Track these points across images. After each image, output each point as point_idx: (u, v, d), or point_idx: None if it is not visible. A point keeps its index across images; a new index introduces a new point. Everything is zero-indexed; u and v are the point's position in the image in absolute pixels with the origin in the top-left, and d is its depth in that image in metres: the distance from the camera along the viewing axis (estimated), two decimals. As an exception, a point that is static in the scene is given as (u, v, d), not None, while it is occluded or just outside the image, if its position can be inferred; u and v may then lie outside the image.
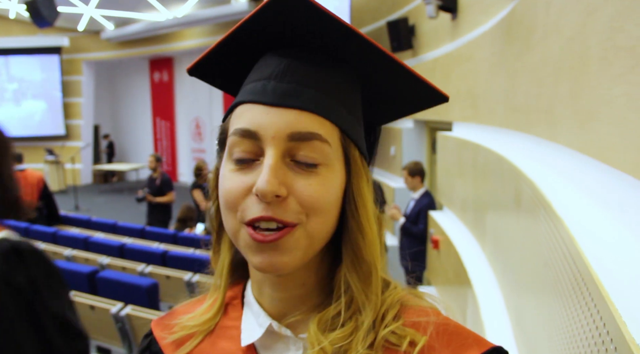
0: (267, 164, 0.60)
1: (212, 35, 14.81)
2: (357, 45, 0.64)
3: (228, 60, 0.72)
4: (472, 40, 4.59)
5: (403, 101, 0.74)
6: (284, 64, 0.64)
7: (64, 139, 16.85)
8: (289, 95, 0.62)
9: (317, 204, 0.61)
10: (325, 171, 0.63)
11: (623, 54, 1.14)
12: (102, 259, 5.07)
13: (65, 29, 16.23)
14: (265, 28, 0.65)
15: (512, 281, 2.43)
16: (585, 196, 1.46)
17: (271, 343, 0.70)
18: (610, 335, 0.72)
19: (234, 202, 0.62)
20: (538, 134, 2.41)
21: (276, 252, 0.61)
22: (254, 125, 0.62)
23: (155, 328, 0.80)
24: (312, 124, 0.62)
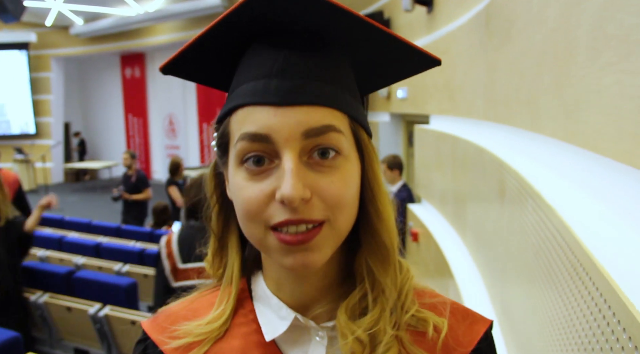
0: (287, 168, 0.57)
1: (184, 30, 14.63)
2: (348, 23, 0.62)
3: (207, 56, 0.67)
4: (449, 32, 4.60)
5: (394, 69, 0.72)
6: (281, 58, 0.61)
7: (33, 138, 16.47)
8: (295, 91, 0.59)
9: (342, 201, 0.60)
10: (344, 163, 0.61)
11: (614, 42, 1.14)
12: (78, 259, 4.98)
13: (33, 24, 15.83)
14: (250, 17, 0.62)
15: (496, 272, 2.44)
16: (575, 185, 1.46)
17: (293, 335, 0.69)
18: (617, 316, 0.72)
19: (257, 212, 0.60)
20: (520, 125, 2.42)
21: (307, 252, 0.60)
22: (264, 128, 0.59)
23: (150, 331, 0.75)
24: (324, 117, 0.60)
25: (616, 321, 0.72)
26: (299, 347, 0.69)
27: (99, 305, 3.50)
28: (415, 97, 5.99)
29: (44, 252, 5.28)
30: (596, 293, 0.84)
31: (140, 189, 7.77)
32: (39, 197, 13.14)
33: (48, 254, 5.22)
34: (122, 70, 17.60)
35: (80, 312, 3.52)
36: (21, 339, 2.73)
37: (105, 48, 16.43)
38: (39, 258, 5.20)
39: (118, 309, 3.45)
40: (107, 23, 15.04)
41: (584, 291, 0.93)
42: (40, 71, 16.63)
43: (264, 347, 0.69)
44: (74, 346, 3.79)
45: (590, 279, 0.89)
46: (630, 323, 0.66)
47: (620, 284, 0.74)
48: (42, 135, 16.64)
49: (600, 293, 0.82)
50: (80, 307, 3.54)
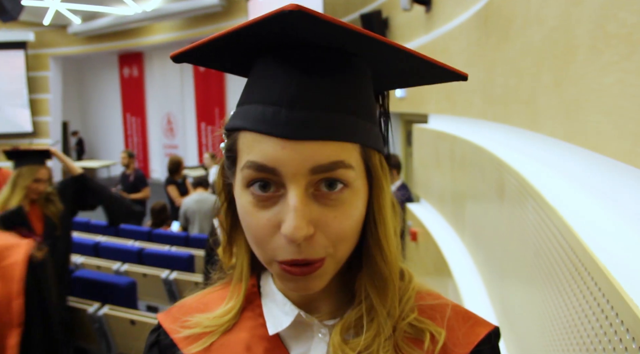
0: (292, 205, 0.57)
1: (182, 29, 14.61)
2: (367, 47, 0.60)
3: (221, 54, 0.67)
4: (447, 32, 4.60)
5: (414, 78, 0.72)
6: (293, 83, 0.59)
7: (31, 137, 16.42)
8: (304, 126, 0.57)
9: (344, 236, 0.61)
10: (350, 196, 0.61)
11: (615, 41, 1.14)
12: (76, 258, 4.97)
13: (30, 23, 15.79)
14: (266, 34, 0.59)
15: (495, 271, 2.44)
16: (575, 185, 1.46)
17: (296, 331, 0.71)
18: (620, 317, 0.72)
19: (263, 240, 0.61)
20: (518, 124, 2.42)
21: (308, 281, 0.62)
22: (270, 161, 0.58)
23: (163, 321, 0.79)
24: (334, 152, 0.58)
25: (619, 321, 0.72)
26: (302, 343, 0.71)
27: (98, 304, 3.50)
28: (414, 97, 5.99)
29: (42, 251, 5.26)
30: (598, 292, 0.84)
31: (139, 188, 7.77)
32: (36, 196, 13.12)
33: (46, 254, 5.21)
34: (120, 69, 17.57)
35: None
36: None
37: (103, 47, 16.40)
38: (37, 258, 5.19)
39: (117, 308, 3.45)
40: (105, 22, 15.01)
41: (586, 291, 0.93)
42: (38, 70, 16.58)
43: (268, 341, 0.71)
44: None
45: (592, 278, 0.88)
46: (634, 323, 0.66)
47: (622, 283, 0.74)
48: (40, 134, 16.60)
49: (602, 292, 0.82)
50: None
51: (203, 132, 15.87)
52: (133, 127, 17.57)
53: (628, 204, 1.13)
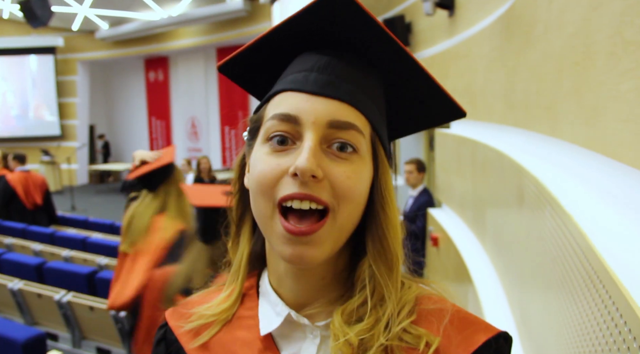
0: (307, 145, 0.62)
1: (207, 34, 14.78)
2: (392, 52, 0.68)
3: (261, 60, 0.74)
4: (469, 37, 4.58)
5: (421, 113, 0.77)
6: (325, 59, 0.67)
7: (59, 140, 16.77)
8: (330, 86, 0.65)
9: (349, 191, 0.64)
10: (358, 160, 0.65)
11: (633, 48, 1.14)
12: (101, 259, 5.05)
13: (60, 28, 16.15)
14: (308, 27, 0.68)
15: (515, 277, 2.42)
16: (593, 191, 1.45)
17: (289, 331, 0.72)
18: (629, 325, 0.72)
19: (269, 184, 0.64)
20: (539, 130, 2.41)
21: (307, 246, 0.63)
22: (295, 110, 0.64)
23: (169, 318, 0.81)
24: (350, 115, 0.65)
25: (628, 329, 0.72)
26: (293, 343, 0.72)
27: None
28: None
29: (68, 252, 5.37)
30: (609, 300, 0.84)
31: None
32: (64, 198, 13.46)
33: (72, 254, 5.32)
34: (146, 73, 17.83)
35: (102, 311, 3.58)
36: (45, 336, 2.79)
37: (129, 52, 16.68)
38: (63, 258, 5.30)
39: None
40: (132, 27, 15.27)
41: (597, 299, 0.93)
42: (67, 75, 16.94)
43: (262, 341, 0.72)
44: (96, 345, 3.86)
45: (603, 286, 0.88)
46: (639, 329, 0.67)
47: (632, 292, 0.74)
48: (68, 137, 16.94)
49: (612, 300, 0.82)
50: (102, 306, 3.60)
51: (227, 135, 16.00)
52: (158, 131, 17.81)
53: (645, 212, 1.13)
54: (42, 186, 7.22)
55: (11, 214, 6.94)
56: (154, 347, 0.82)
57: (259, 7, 13.00)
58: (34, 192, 7.06)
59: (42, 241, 6.08)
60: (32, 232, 6.38)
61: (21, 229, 6.45)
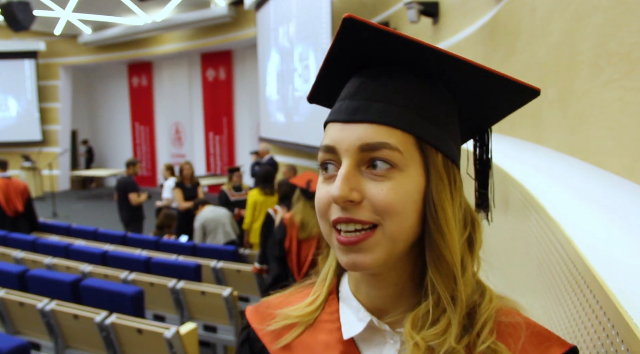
0: (340, 173, 0.67)
1: (191, 39, 14.75)
2: (433, 59, 0.70)
3: (330, 86, 0.79)
4: (454, 44, 4.64)
5: (497, 102, 0.76)
6: (356, 84, 0.71)
7: (40, 145, 16.58)
8: (358, 111, 0.68)
9: (389, 207, 0.66)
10: (398, 176, 0.67)
11: (616, 59, 1.17)
12: (84, 267, 5.00)
13: (42, 32, 16.01)
14: (344, 54, 0.72)
15: (499, 283, 2.45)
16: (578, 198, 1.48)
17: (369, 336, 0.76)
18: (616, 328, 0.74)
19: (324, 210, 0.70)
20: (524, 137, 2.45)
21: (358, 253, 0.67)
22: (332, 141, 0.69)
23: (251, 320, 0.86)
24: (380, 135, 0.67)
25: (615, 332, 0.74)
26: (374, 348, 0.75)
27: (106, 313, 3.52)
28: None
29: (51, 259, 5.30)
30: (596, 304, 0.86)
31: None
32: (45, 204, 13.30)
33: (55, 262, 5.25)
34: (130, 78, 17.73)
35: (87, 320, 3.54)
36: (29, 346, 2.76)
37: (112, 57, 16.58)
38: (45, 266, 5.24)
39: (124, 317, 3.47)
40: (115, 32, 15.18)
41: (585, 303, 0.95)
42: (49, 79, 16.78)
43: (343, 344, 0.76)
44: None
45: (590, 291, 0.90)
46: (628, 335, 0.68)
47: (619, 296, 0.76)
48: (50, 142, 16.76)
49: (599, 304, 0.84)
50: (86, 315, 3.56)
51: (211, 141, 15.96)
52: (141, 136, 17.70)
53: (627, 217, 1.15)
54: (24, 193, 7.14)
55: (-10, 221, 6.85)
56: (238, 347, 0.88)
57: (243, 13, 13.02)
58: (15, 199, 6.97)
59: (24, 248, 5.99)
60: (13, 240, 6.29)
61: (2, 236, 6.35)
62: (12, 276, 4.41)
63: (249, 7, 11.92)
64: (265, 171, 6.69)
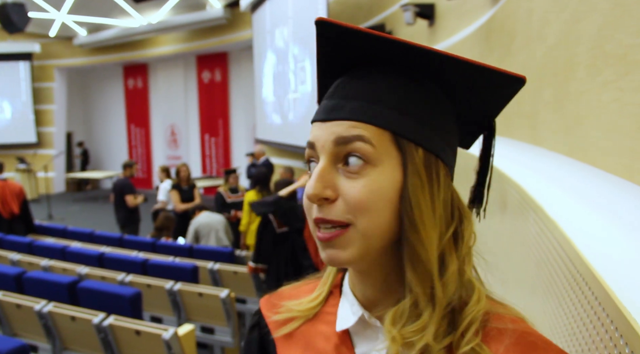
0: (315, 170, 0.69)
1: (186, 41, 14.74)
2: (412, 55, 0.70)
3: (326, 87, 0.80)
4: (450, 46, 4.66)
5: (486, 95, 0.74)
6: (335, 84, 0.75)
7: (35, 147, 16.53)
8: (335, 109, 0.71)
9: (361, 205, 0.66)
10: (372, 172, 0.67)
11: (613, 61, 1.18)
12: (81, 268, 4.99)
13: (37, 34, 15.97)
14: (330, 57, 0.75)
15: (497, 283, 2.47)
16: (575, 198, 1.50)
17: (363, 330, 0.78)
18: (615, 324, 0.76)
19: (307, 207, 0.72)
20: (520, 138, 2.46)
21: (334, 249, 0.69)
22: (313, 138, 0.72)
23: (263, 307, 0.91)
24: (354, 129, 0.68)
25: (614, 327, 0.75)
26: (366, 342, 0.77)
27: (103, 315, 3.51)
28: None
29: (47, 261, 5.29)
30: (595, 302, 0.88)
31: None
32: (40, 207, 13.26)
33: (51, 264, 5.24)
34: (125, 80, 17.70)
35: (85, 321, 3.54)
36: (27, 347, 2.75)
37: (108, 59, 16.55)
38: (42, 268, 5.23)
39: (122, 318, 3.47)
40: (110, 34, 15.16)
41: (584, 300, 0.97)
42: (44, 81, 16.73)
43: (339, 336, 0.79)
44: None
45: (589, 288, 0.92)
46: (628, 331, 0.70)
47: (618, 293, 0.78)
48: (45, 145, 16.71)
49: (599, 301, 0.85)
50: (84, 316, 3.55)
51: (207, 143, 15.95)
52: (137, 138, 17.67)
53: (625, 218, 1.17)
54: (20, 195, 7.12)
55: (-13, 224, 6.83)
56: (248, 331, 0.93)
57: (239, 15, 13.02)
58: (11, 201, 6.96)
59: (20, 250, 5.98)
60: (10, 242, 6.27)
61: (-2, 239, 6.34)
62: (9, 278, 4.40)
63: (244, 9, 11.93)
64: (260, 172, 6.69)
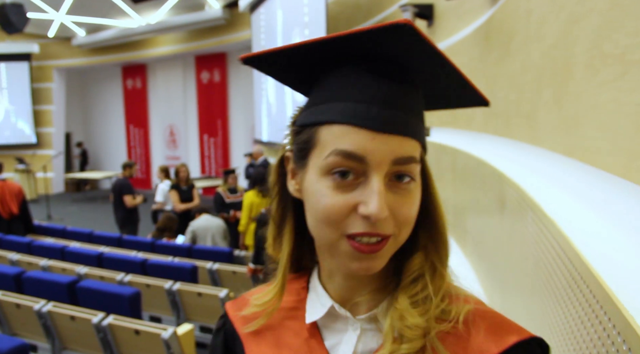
0: (376, 189, 0.64)
1: (185, 42, 14.73)
2: (430, 57, 0.68)
3: (291, 64, 0.74)
4: (449, 46, 4.67)
5: (448, 99, 0.81)
6: (384, 87, 0.67)
7: (34, 148, 16.51)
8: (392, 122, 0.66)
9: (409, 220, 0.69)
10: (414, 187, 0.69)
11: (611, 61, 1.19)
12: (80, 268, 5.00)
13: (35, 35, 15.95)
14: (360, 46, 0.67)
15: (497, 283, 2.48)
16: (574, 197, 1.51)
17: (332, 323, 0.79)
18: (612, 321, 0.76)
19: (337, 220, 0.67)
20: (519, 138, 2.47)
21: (372, 260, 0.68)
22: (360, 149, 0.65)
23: (229, 309, 0.91)
24: (411, 148, 0.67)
25: (612, 325, 0.76)
26: (336, 334, 0.78)
27: (103, 314, 3.52)
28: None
29: (47, 261, 5.30)
30: (594, 301, 0.88)
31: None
32: (39, 207, 13.25)
33: (50, 264, 5.25)
34: (124, 81, 17.69)
35: (84, 321, 3.54)
36: (27, 346, 2.76)
37: (107, 59, 16.53)
38: (41, 267, 5.23)
39: (121, 318, 3.48)
40: (109, 34, 15.15)
41: (582, 300, 0.97)
42: (42, 82, 16.71)
43: (308, 329, 0.79)
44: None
45: (587, 286, 0.92)
46: (627, 330, 0.70)
47: (616, 290, 0.78)
48: (44, 145, 16.69)
49: (597, 300, 0.86)
50: (83, 316, 3.56)
51: (205, 143, 15.94)
52: (136, 139, 17.66)
53: (623, 217, 1.18)
54: (19, 195, 7.12)
55: (-14, 224, 6.83)
56: (213, 335, 0.92)
57: (238, 15, 13.02)
58: (10, 201, 6.96)
59: (19, 250, 5.98)
60: (9, 242, 6.27)
61: (-3, 239, 6.34)
62: (8, 277, 4.40)
63: (243, 9, 11.93)
64: (258, 172, 6.70)
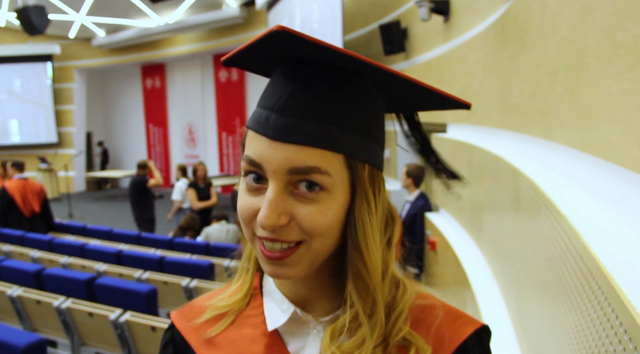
0: (267, 198, 0.64)
1: (203, 40, 14.82)
2: (342, 60, 0.65)
3: (256, 59, 0.73)
4: (465, 41, 4.62)
5: (423, 102, 0.77)
6: (287, 93, 0.66)
7: (56, 147, 16.77)
8: (288, 130, 0.64)
9: (316, 229, 0.65)
10: (325, 197, 0.65)
11: (623, 52, 1.16)
12: (99, 266, 5.05)
13: (57, 36, 16.18)
14: (273, 47, 0.66)
15: (512, 280, 2.44)
16: (587, 193, 1.48)
17: (294, 328, 0.77)
18: (624, 326, 0.74)
19: (247, 220, 0.68)
20: (534, 133, 2.43)
21: (283, 267, 0.67)
22: (258, 156, 0.66)
23: (176, 321, 0.84)
24: (311, 158, 0.64)
25: (618, 323, 0.74)
26: (299, 338, 0.76)
27: (120, 311, 3.55)
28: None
29: (67, 258, 5.37)
30: (604, 300, 0.86)
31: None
32: (61, 205, 13.45)
33: (70, 261, 5.32)
34: (143, 80, 17.85)
35: (102, 317, 3.58)
36: (45, 342, 2.80)
37: (126, 59, 16.71)
38: (61, 265, 5.30)
39: (138, 315, 3.51)
40: (129, 34, 15.30)
41: (593, 299, 0.95)
42: (64, 82, 16.96)
43: (268, 337, 0.76)
44: (95, 351, 3.85)
45: (599, 287, 0.90)
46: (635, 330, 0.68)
47: (626, 291, 0.76)
48: (65, 144, 16.94)
49: (608, 301, 0.84)
50: (101, 313, 3.60)
51: (224, 142, 16.03)
52: (155, 137, 17.82)
53: (636, 212, 1.15)
54: (40, 194, 7.23)
55: (9, 222, 6.94)
56: (161, 350, 0.86)
57: (255, 13, 13.06)
58: (32, 199, 7.07)
59: (41, 248, 6.07)
60: (31, 240, 6.38)
61: (19, 237, 6.45)
62: (29, 274, 4.47)
63: (260, 7, 11.96)
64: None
